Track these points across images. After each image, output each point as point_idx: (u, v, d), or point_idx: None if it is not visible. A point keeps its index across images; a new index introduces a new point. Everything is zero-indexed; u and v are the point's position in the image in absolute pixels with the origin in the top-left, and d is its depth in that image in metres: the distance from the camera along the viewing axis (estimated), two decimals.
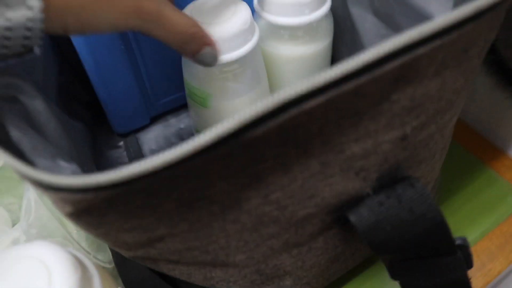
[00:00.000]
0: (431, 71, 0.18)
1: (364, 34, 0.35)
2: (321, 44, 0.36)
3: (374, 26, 0.34)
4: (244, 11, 0.30)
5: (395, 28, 0.31)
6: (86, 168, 0.32)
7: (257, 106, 0.15)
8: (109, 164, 0.41)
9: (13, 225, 0.36)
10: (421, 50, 0.17)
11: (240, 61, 0.31)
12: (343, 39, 0.38)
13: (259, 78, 0.35)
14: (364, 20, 0.35)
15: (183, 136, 0.42)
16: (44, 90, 0.32)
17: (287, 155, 0.19)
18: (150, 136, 0.42)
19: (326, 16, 0.34)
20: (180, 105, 0.43)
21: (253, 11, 0.34)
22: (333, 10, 0.36)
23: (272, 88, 0.39)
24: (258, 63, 0.35)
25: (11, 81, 0.27)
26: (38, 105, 0.28)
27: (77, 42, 0.34)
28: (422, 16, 0.28)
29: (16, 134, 0.21)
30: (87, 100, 0.42)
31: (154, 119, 0.43)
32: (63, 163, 0.23)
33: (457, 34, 0.17)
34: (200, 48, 0.26)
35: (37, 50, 0.19)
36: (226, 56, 0.30)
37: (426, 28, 0.16)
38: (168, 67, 0.39)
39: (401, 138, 0.20)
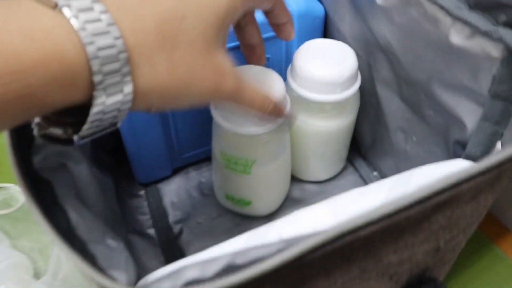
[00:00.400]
0: (468, 197, 0.20)
1: (389, 114, 0.37)
2: (347, 119, 0.38)
3: (400, 109, 0.36)
4: (279, 79, 0.32)
5: (421, 116, 0.33)
6: (117, 226, 0.33)
7: (318, 236, 0.17)
8: (130, 212, 0.42)
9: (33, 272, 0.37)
10: (464, 186, 0.18)
11: (282, 125, 0.33)
12: (367, 114, 0.40)
13: (288, 139, 0.37)
14: (390, 101, 0.37)
15: (203, 190, 0.43)
16: (82, 146, 0.33)
17: (332, 264, 0.20)
18: (171, 188, 0.44)
19: (354, 94, 0.36)
20: (201, 159, 0.45)
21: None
22: (360, 85, 0.38)
23: (296, 154, 0.41)
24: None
25: (64, 149, 0.28)
26: (82, 169, 0.29)
27: None
28: (449, 115, 0.30)
29: (73, 216, 0.22)
30: (113, 147, 0.43)
31: (175, 171, 0.45)
32: (111, 242, 0.24)
33: (496, 171, 0.19)
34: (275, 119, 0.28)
35: (119, 124, 0.21)
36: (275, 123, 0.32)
37: (472, 171, 0.18)
38: (195, 124, 0.41)
39: (435, 249, 0.22)
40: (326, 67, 0.34)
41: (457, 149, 0.31)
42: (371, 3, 0.32)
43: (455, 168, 0.27)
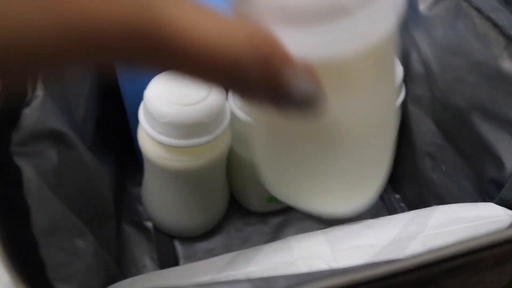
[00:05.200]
0: (491, 263, 0.17)
1: (417, 136, 0.33)
2: None
3: (431, 133, 0.32)
4: None
5: (454, 145, 0.29)
6: (105, 219, 0.31)
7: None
8: (130, 201, 0.40)
9: None
10: (488, 252, 0.15)
11: None
12: None
13: None
14: (420, 122, 0.33)
15: None
16: (82, 127, 0.31)
17: None
18: None
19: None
20: None
21: None
22: None
23: None
24: None
25: (55, 129, 0.26)
26: (73, 155, 0.27)
27: (121, 75, 0.34)
28: (487, 150, 0.26)
29: (37, 213, 0.20)
30: (122, 128, 0.41)
31: None
32: (80, 243, 0.22)
33: None
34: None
35: None
36: None
37: (501, 235, 0.14)
38: None
39: None
40: None
41: (491, 189, 0.27)
42: (414, 10, 0.28)
43: (484, 214, 0.23)
